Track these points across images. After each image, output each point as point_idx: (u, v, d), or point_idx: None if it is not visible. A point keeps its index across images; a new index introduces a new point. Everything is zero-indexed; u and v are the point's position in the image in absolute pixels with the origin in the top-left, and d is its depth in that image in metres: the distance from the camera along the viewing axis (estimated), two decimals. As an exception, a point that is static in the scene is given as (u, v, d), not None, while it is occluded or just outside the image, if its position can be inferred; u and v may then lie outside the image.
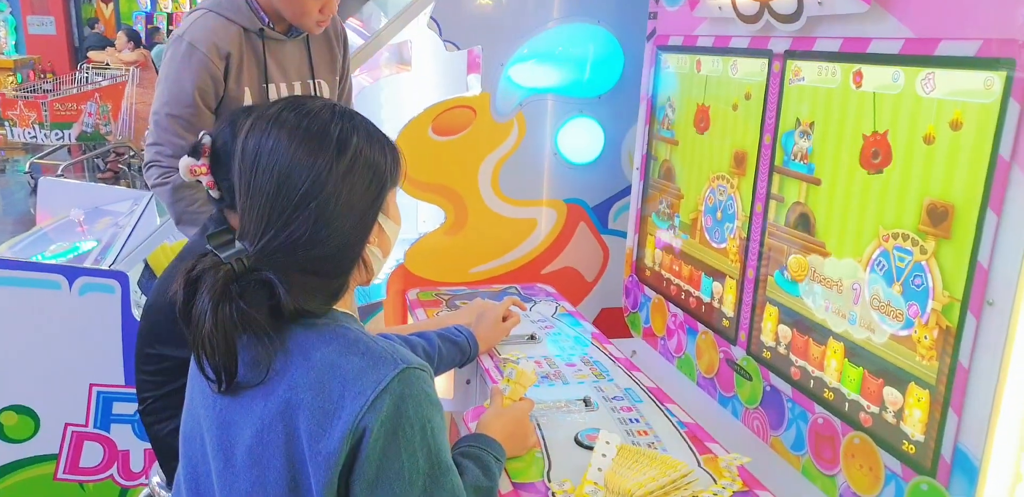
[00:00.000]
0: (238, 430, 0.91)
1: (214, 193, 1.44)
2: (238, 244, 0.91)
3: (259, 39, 1.70)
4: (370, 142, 0.94)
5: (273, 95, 1.73)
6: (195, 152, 1.42)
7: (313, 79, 1.82)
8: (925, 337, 1.16)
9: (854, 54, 1.30)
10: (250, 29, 1.69)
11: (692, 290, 1.84)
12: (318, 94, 1.83)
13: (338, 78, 1.90)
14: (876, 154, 1.26)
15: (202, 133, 1.37)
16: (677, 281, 1.91)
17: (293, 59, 1.78)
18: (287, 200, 0.89)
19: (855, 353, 1.31)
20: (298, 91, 1.79)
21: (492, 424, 1.22)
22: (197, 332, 0.88)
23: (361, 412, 0.85)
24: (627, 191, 2.26)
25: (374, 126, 0.98)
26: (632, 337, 2.16)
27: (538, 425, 1.37)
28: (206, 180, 1.43)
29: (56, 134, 6.85)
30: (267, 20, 1.70)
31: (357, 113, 0.98)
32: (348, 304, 1.00)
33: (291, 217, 0.89)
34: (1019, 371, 1.02)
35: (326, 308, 0.95)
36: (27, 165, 7.36)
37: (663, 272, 1.98)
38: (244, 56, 1.68)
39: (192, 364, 0.98)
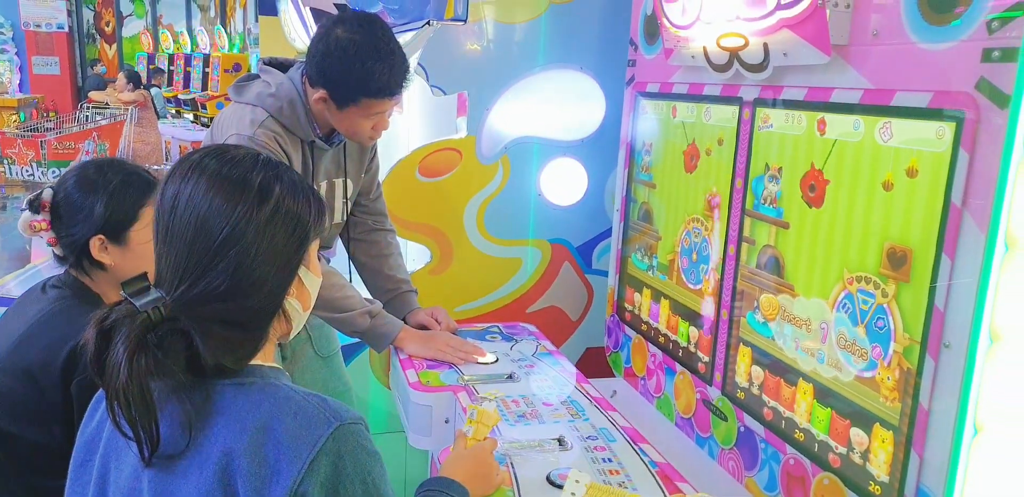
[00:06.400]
0: None
1: (57, 251, 1.43)
2: (154, 292, 0.88)
3: (309, 148, 1.78)
4: (293, 192, 0.92)
5: None
6: (34, 207, 1.42)
7: (344, 178, 1.90)
8: (888, 378, 1.18)
9: (818, 103, 1.35)
10: (304, 140, 1.77)
11: (669, 333, 1.86)
12: (339, 191, 1.90)
13: (363, 173, 1.98)
14: (837, 199, 1.30)
15: (44, 187, 1.38)
16: (655, 323, 1.93)
17: (328, 161, 1.85)
18: (205, 247, 0.87)
19: (824, 394, 1.33)
20: (324, 189, 1.85)
21: (454, 466, 1.23)
22: (111, 384, 0.85)
23: (299, 477, 0.84)
24: (610, 232, 2.30)
25: (300, 176, 0.96)
26: (615, 377, 2.18)
27: (511, 464, 1.38)
28: (47, 236, 1.42)
29: (53, 172, 6.93)
30: (318, 131, 1.77)
31: (282, 163, 0.96)
32: (270, 357, 0.98)
33: (209, 265, 0.87)
34: (975, 413, 1.04)
35: (244, 363, 0.92)
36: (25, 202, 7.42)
37: (642, 313, 2.01)
38: (292, 162, 1.74)
39: (108, 438, 0.96)
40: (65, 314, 1.39)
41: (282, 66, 1.81)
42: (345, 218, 1.99)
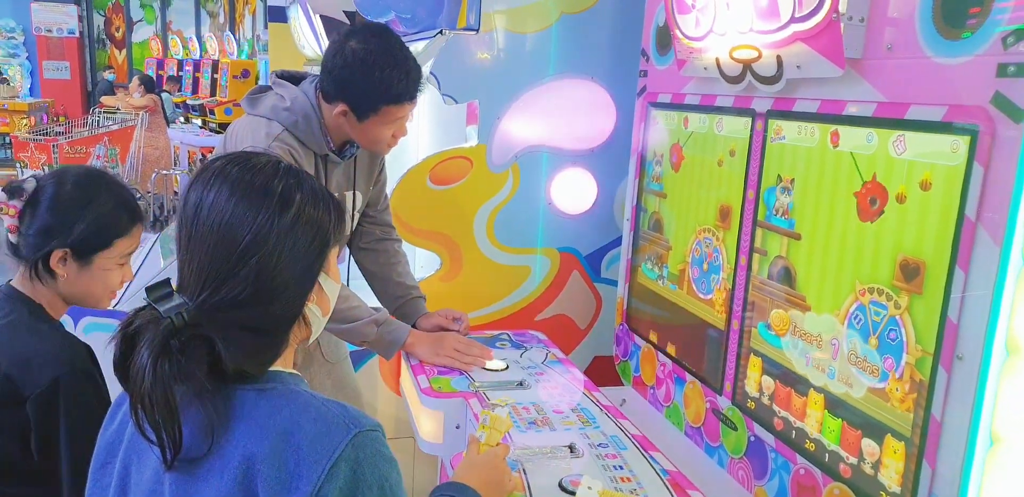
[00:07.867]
0: None
1: (12, 237, 1.39)
2: (177, 297, 0.89)
3: (322, 161, 1.80)
4: (314, 200, 0.94)
5: None
6: (12, 192, 1.38)
7: (353, 191, 1.92)
8: (899, 390, 1.19)
9: (831, 115, 1.36)
10: (317, 153, 1.79)
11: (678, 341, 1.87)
12: (349, 203, 1.92)
13: (371, 186, 2.00)
14: (852, 211, 1.31)
15: (29, 176, 1.37)
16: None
17: (340, 175, 1.88)
18: (227, 254, 0.89)
19: (835, 405, 1.33)
20: None
21: (466, 472, 1.24)
22: (135, 389, 0.86)
23: (319, 482, 0.85)
24: (619, 241, 2.31)
25: (320, 184, 0.98)
26: (623, 385, 2.18)
27: (523, 470, 1.39)
28: (8, 222, 1.39)
29: (64, 176, 6.96)
30: (332, 145, 1.79)
31: (303, 171, 0.97)
32: (290, 362, 0.99)
33: (232, 271, 0.88)
34: (987, 424, 1.04)
35: (265, 368, 0.94)
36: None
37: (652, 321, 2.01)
38: None
39: (129, 440, 0.97)
40: (24, 328, 1.37)
41: (294, 79, 1.83)
42: (353, 229, 2.02)
